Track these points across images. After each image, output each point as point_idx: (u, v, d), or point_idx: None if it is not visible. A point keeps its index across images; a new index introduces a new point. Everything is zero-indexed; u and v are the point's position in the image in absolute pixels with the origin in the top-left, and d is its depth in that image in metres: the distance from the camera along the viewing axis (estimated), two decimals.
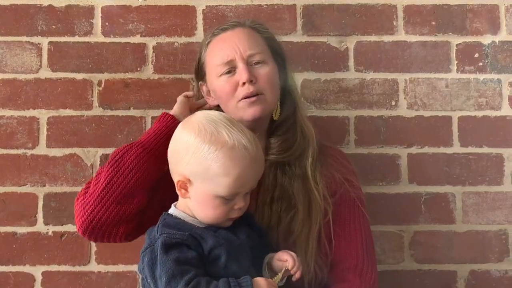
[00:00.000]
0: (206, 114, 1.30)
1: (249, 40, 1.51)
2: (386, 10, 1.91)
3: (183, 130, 1.28)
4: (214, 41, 1.55)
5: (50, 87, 1.86)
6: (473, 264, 1.85)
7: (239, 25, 1.55)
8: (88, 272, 1.82)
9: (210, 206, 1.24)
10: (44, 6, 1.88)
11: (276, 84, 1.53)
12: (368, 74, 1.90)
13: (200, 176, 1.23)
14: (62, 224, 1.82)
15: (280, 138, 1.52)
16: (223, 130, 1.24)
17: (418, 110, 1.89)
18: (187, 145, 1.24)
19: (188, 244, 1.20)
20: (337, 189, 1.51)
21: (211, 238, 1.22)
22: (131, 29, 1.88)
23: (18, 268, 1.81)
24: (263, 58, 1.51)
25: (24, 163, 1.83)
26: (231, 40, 1.51)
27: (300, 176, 1.49)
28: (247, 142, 1.24)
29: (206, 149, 1.22)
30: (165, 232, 1.22)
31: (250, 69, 1.48)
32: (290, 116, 1.55)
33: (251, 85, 1.46)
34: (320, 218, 1.45)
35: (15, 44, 1.87)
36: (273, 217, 1.45)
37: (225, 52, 1.49)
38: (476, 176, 1.87)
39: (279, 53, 1.58)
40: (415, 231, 1.86)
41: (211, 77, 1.53)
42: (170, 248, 1.19)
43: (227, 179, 1.22)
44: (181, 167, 1.25)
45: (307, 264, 1.41)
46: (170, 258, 1.17)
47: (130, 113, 1.86)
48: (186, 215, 1.28)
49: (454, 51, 1.90)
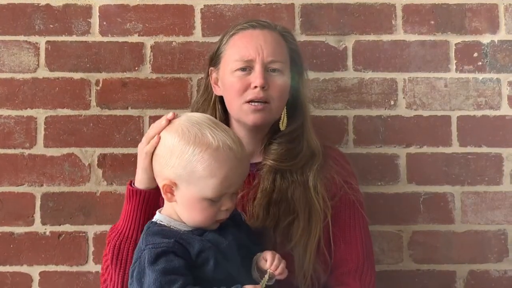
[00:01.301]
0: (189, 116, 1.29)
1: (274, 46, 1.51)
2: (384, 9, 1.91)
3: (166, 133, 1.27)
4: (240, 35, 1.53)
5: (48, 87, 1.85)
6: (472, 264, 1.85)
7: (269, 27, 1.54)
8: (85, 272, 1.81)
9: (197, 208, 1.23)
10: (41, 5, 1.87)
11: (286, 95, 1.53)
12: (366, 74, 1.89)
13: (185, 179, 1.22)
14: (60, 224, 1.82)
15: (285, 146, 1.51)
16: (207, 131, 1.23)
17: (417, 110, 1.88)
18: (171, 148, 1.23)
19: (175, 251, 1.19)
20: (337, 192, 1.50)
21: (197, 242, 1.21)
22: (129, 28, 1.88)
23: (16, 268, 1.80)
24: (282, 68, 1.50)
25: (22, 162, 1.83)
26: (257, 39, 1.50)
27: (301, 184, 1.48)
28: (232, 142, 1.23)
29: (191, 151, 1.21)
30: (150, 243, 1.21)
31: (266, 75, 1.48)
32: (298, 128, 1.55)
33: (262, 91, 1.46)
34: (319, 229, 1.45)
35: (13, 44, 1.86)
36: (270, 220, 1.44)
37: (248, 50, 1.49)
38: (475, 176, 1.86)
39: (298, 65, 1.58)
40: (414, 231, 1.85)
41: (225, 69, 1.52)
42: (156, 258, 1.18)
43: (213, 180, 1.21)
44: (166, 170, 1.24)
45: (303, 273, 1.41)
46: (157, 269, 1.16)
47: (128, 113, 1.85)
48: (172, 219, 1.27)
49: (453, 50, 1.90)
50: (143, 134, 1.84)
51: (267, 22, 1.57)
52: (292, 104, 1.56)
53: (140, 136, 1.84)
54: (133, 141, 1.84)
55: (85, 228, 1.82)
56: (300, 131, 1.55)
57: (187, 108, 1.84)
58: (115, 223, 1.46)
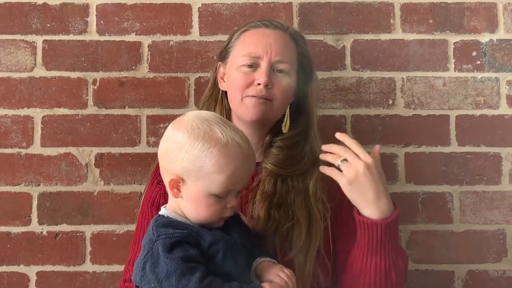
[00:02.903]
0: (197, 113, 1.30)
1: (283, 47, 1.51)
2: (383, 8, 1.90)
3: (175, 130, 1.26)
4: (251, 32, 1.54)
5: (45, 86, 1.85)
6: (471, 264, 1.84)
7: (281, 28, 1.55)
8: (82, 272, 1.80)
9: (203, 204, 1.23)
10: (38, 4, 1.87)
11: (288, 98, 1.53)
12: (365, 73, 1.89)
13: (193, 174, 1.22)
14: (57, 224, 1.81)
15: (285, 152, 1.51)
16: (216, 127, 1.24)
17: (416, 109, 1.88)
18: (181, 143, 1.23)
19: (188, 241, 1.19)
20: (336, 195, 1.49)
21: (207, 235, 1.22)
22: (126, 27, 1.87)
23: (12, 268, 1.80)
24: (288, 69, 1.51)
25: (19, 162, 1.82)
26: (268, 38, 1.51)
27: (302, 191, 1.47)
28: (240, 139, 1.24)
29: (200, 147, 1.21)
30: (163, 233, 1.20)
31: (271, 74, 1.48)
32: (301, 133, 1.54)
33: (265, 89, 1.47)
34: (320, 238, 1.43)
35: (9, 43, 1.85)
36: (271, 223, 1.43)
37: (257, 48, 1.49)
38: (474, 176, 1.86)
39: (307, 70, 1.58)
40: (412, 231, 1.85)
41: (232, 63, 1.53)
42: (172, 247, 1.17)
43: (221, 176, 1.21)
44: (174, 165, 1.24)
45: (304, 280, 1.40)
46: (176, 257, 1.15)
47: (125, 112, 1.85)
48: (178, 215, 1.27)
49: (451, 49, 1.89)
50: (140, 133, 1.84)
51: (281, 23, 1.58)
52: (297, 108, 1.56)
53: (137, 136, 1.84)
54: (131, 141, 1.84)
55: (82, 228, 1.81)
56: (304, 137, 1.54)
57: (184, 107, 1.84)
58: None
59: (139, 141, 1.84)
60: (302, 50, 1.57)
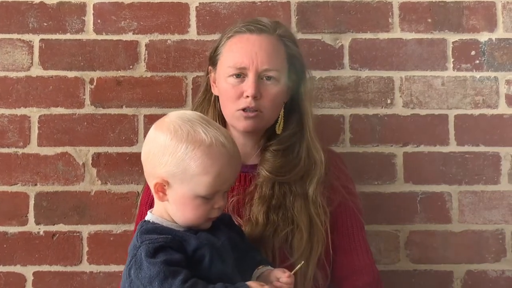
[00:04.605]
0: (180, 114, 1.27)
1: (270, 54, 1.46)
2: (381, 7, 1.89)
3: (157, 132, 1.25)
4: (236, 38, 1.49)
5: (42, 85, 1.84)
6: (470, 264, 1.83)
7: (267, 32, 1.49)
8: (79, 272, 1.80)
9: (190, 207, 1.22)
10: (35, 3, 1.86)
11: (279, 104, 1.50)
12: (363, 72, 1.88)
13: (178, 176, 1.20)
14: (54, 224, 1.80)
15: (280, 157, 1.48)
16: (199, 128, 1.22)
17: (414, 109, 1.87)
18: (164, 146, 1.21)
19: (172, 246, 1.18)
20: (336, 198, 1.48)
21: (193, 239, 1.20)
22: (123, 27, 1.87)
23: (9, 268, 1.79)
24: (277, 76, 1.47)
25: (15, 162, 1.81)
26: (253, 47, 1.46)
27: (301, 195, 1.46)
28: (224, 139, 1.22)
29: (183, 149, 1.20)
30: (147, 239, 1.19)
31: (259, 84, 1.45)
32: (296, 133, 1.52)
33: (254, 100, 1.44)
34: (322, 246, 1.43)
35: (6, 42, 1.85)
36: (269, 226, 1.42)
37: (242, 58, 1.45)
38: (473, 175, 1.85)
39: (298, 70, 1.54)
40: (411, 230, 1.84)
41: (221, 73, 1.50)
42: (155, 252, 1.16)
43: (207, 177, 1.20)
44: (158, 169, 1.22)
45: (304, 285, 1.39)
46: (158, 261, 1.14)
47: (123, 112, 1.84)
48: (164, 219, 1.25)
49: (450, 48, 1.89)
50: (137, 133, 1.84)
51: (266, 25, 1.51)
52: (291, 108, 1.54)
53: (134, 135, 1.83)
54: (128, 140, 1.83)
55: (79, 228, 1.81)
56: (299, 137, 1.51)
57: (182, 107, 1.84)
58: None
59: (136, 140, 1.83)
60: (291, 51, 1.52)
